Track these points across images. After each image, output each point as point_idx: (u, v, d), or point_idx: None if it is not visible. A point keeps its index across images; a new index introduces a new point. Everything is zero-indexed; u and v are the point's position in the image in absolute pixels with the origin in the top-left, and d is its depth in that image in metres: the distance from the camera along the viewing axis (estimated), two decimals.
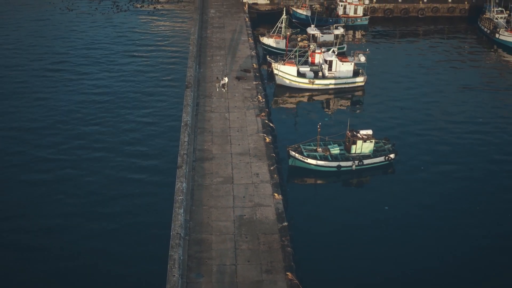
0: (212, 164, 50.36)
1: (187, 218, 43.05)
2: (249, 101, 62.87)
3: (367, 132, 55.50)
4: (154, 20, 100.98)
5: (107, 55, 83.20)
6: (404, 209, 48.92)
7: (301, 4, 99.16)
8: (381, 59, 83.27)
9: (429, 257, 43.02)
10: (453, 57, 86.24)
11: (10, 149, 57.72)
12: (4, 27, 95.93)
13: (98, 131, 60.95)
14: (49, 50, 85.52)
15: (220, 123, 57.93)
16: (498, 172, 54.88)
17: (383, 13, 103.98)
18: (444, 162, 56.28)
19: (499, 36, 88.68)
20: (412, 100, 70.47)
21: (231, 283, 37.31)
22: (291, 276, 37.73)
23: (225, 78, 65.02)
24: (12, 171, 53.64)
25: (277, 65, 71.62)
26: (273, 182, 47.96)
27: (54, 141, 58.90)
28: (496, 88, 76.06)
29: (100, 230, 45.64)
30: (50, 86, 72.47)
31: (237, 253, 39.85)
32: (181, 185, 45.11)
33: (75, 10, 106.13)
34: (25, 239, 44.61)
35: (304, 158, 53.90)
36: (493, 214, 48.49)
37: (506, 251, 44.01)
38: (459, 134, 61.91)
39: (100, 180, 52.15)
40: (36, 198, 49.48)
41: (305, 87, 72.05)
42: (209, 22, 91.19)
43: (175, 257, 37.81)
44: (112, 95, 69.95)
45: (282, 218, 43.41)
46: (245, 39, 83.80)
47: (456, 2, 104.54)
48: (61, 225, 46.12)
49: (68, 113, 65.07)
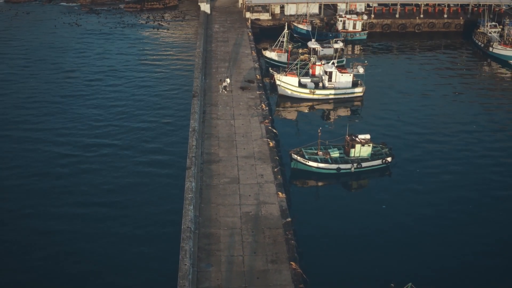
0: (219, 166, 53.37)
1: (197, 214, 45.95)
2: (253, 109, 66.04)
3: (365, 136, 58.57)
4: (160, 34, 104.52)
5: (115, 68, 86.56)
6: (400, 208, 52.04)
7: (302, 20, 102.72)
8: (379, 71, 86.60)
9: (420, 247, 46.32)
10: (449, 70, 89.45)
11: (33, 145, 62.38)
12: (18, 41, 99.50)
13: (103, 142, 64.17)
14: (62, 60, 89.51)
15: (226, 129, 61.04)
16: (487, 173, 58.21)
17: (381, 28, 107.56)
18: (437, 165, 59.36)
19: (492, 50, 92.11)
20: (408, 110, 73.59)
21: (239, 272, 40.10)
22: (295, 266, 40.56)
23: (227, 79, 69.31)
24: (39, 166, 58.30)
25: (279, 76, 74.92)
26: (276, 182, 50.96)
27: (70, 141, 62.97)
28: (489, 97, 79.39)
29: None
30: (65, 94, 76.23)
31: (244, 246, 42.69)
32: (190, 184, 48.08)
33: (83, 26, 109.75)
34: (52, 221, 47.68)
35: (306, 161, 56.86)
36: (485, 213, 51.55)
37: (496, 248, 46.96)
38: (452, 140, 65.03)
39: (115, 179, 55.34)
40: (61, 188, 54.46)
41: (306, 97, 75.24)
42: (214, 37, 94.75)
43: (186, 248, 40.64)
44: (122, 106, 73.28)
45: (286, 214, 46.33)
46: (248, 52, 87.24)
47: (452, 18, 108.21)
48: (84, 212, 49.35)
49: (81, 118, 68.74)
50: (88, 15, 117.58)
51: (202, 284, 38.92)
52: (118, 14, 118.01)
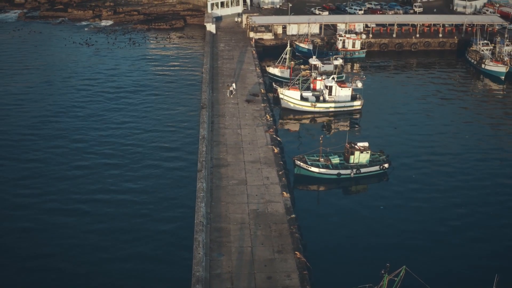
0: (227, 170, 57.45)
1: (208, 211, 49.90)
2: (258, 120, 70.32)
3: (364, 144, 62.80)
4: (168, 53, 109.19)
5: (124, 86, 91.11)
6: (396, 209, 56.11)
7: (304, 39, 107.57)
8: (377, 87, 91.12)
9: (413, 239, 50.89)
10: (443, 85, 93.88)
11: (52, 142, 69.26)
12: (30, 60, 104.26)
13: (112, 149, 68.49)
14: (76, 76, 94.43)
15: (233, 137, 65.23)
16: (478, 175, 63.02)
17: (379, 47, 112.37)
18: (431, 171, 63.63)
19: (485, 66, 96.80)
20: (404, 121, 77.93)
21: (248, 261, 43.92)
22: (299, 255, 44.42)
23: (233, 85, 75.16)
24: (64, 161, 64.36)
25: (282, 90, 79.39)
26: (281, 184, 55.01)
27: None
28: (481, 108, 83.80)
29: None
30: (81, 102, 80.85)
31: (252, 238, 46.56)
32: (202, 184, 52.09)
33: (94, 45, 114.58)
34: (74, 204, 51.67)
35: (308, 167, 60.92)
36: (478, 212, 55.65)
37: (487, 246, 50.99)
38: (446, 148, 69.34)
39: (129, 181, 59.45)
40: (84, 179, 60.44)
41: (308, 110, 79.60)
42: (219, 54, 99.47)
43: (199, 239, 44.52)
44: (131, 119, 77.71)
45: (290, 211, 50.31)
46: (252, 68, 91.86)
47: (447, 37, 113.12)
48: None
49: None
50: (97, 34, 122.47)
51: (214, 271, 42.71)
52: (127, 34, 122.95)
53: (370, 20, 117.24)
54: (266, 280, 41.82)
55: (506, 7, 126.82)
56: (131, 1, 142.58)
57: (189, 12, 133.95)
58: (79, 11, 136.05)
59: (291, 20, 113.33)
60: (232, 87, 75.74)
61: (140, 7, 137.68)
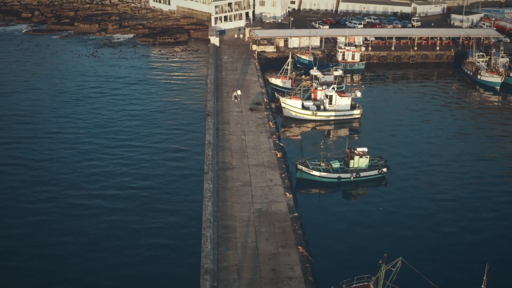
0: (233, 172, 60.16)
1: (215, 210, 52.50)
2: (261, 127, 73.18)
3: (363, 149, 65.56)
4: (173, 65, 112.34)
5: (133, 95, 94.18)
6: (394, 209, 58.73)
7: (305, 51, 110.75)
8: (375, 96, 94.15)
9: (410, 236, 53.80)
10: (440, 95, 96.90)
11: (65, 143, 73.90)
12: (39, 74, 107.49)
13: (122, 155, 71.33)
14: (85, 85, 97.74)
15: (238, 143, 68.02)
16: (472, 179, 66.02)
17: (378, 59, 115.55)
18: (428, 175, 66.45)
19: (480, 77, 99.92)
20: (402, 129, 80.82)
21: (253, 255, 46.47)
22: (302, 249, 46.99)
23: (238, 91, 78.58)
24: (74, 162, 68.28)
25: (284, 99, 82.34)
26: (284, 185, 57.69)
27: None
28: (476, 117, 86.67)
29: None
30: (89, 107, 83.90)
31: (257, 234, 49.17)
32: (208, 185, 54.79)
33: (100, 57, 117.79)
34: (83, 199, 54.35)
35: (310, 171, 63.59)
36: (470, 212, 58.32)
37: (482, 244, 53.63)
38: (442, 154, 72.10)
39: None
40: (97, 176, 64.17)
41: (309, 118, 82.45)
42: (223, 66, 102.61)
43: (207, 234, 47.11)
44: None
45: (293, 210, 52.97)
46: (255, 79, 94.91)
47: (444, 50, 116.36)
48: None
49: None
50: (103, 48, 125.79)
51: (221, 264, 45.23)
52: (132, 47, 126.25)
53: (369, 33, 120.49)
54: (271, 272, 44.35)
55: (502, 21, 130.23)
56: (136, 15, 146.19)
57: (193, 26, 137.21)
58: (85, 25, 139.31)
59: (292, 33, 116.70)
60: (237, 93, 79.06)
61: (145, 21, 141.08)
